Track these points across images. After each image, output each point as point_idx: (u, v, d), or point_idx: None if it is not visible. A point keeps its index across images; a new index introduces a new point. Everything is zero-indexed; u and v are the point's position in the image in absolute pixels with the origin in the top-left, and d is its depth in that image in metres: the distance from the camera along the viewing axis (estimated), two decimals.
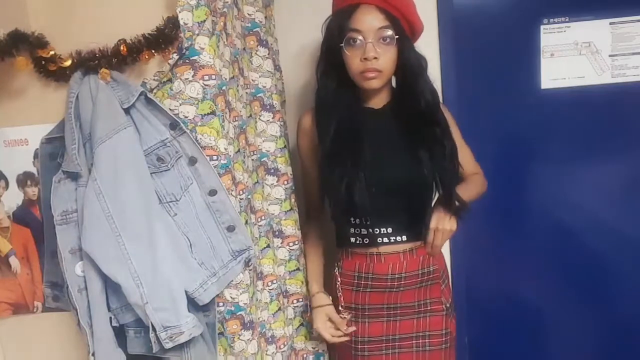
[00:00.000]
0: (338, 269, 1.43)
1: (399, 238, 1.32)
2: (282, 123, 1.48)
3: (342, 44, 1.24)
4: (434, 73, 1.67)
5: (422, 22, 1.32)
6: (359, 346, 1.40)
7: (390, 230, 1.32)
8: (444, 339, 1.39)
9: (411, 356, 1.39)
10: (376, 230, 1.32)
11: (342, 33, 1.24)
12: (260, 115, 1.44)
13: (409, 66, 1.26)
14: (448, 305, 1.42)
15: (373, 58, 1.21)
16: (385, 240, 1.33)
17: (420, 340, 1.38)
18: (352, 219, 1.35)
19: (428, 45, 1.63)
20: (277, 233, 1.46)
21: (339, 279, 1.41)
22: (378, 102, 1.35)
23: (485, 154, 1.78)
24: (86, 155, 1.15)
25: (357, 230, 1.35)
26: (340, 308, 1.41)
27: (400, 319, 1.38)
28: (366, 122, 1.32)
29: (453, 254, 1.78)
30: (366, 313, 1.39)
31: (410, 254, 1.34)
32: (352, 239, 1.37)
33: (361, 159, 1.28)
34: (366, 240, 1.34)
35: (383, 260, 1.34)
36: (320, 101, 1.35)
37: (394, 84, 1.39)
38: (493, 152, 1.79)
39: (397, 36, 1.22)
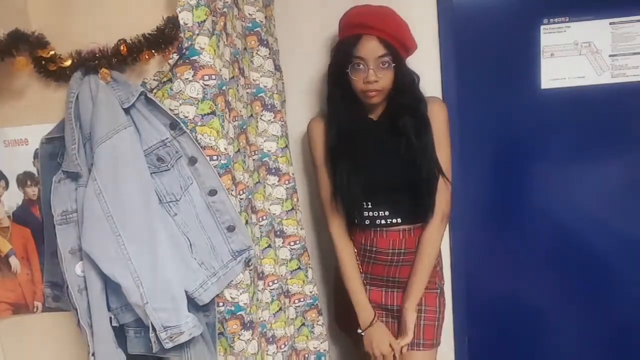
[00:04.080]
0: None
1: (394, 220, 1.49)
2: (283, 123, 1.48)
3: (348, 70, 1.41)
4: (434, 73, 1.68)
5: (415, 42, 1.47)
6: None
7: (387, 213, 1.50)
8: (436, 316, 1.54)
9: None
10: (375, 213, 1.50)
11: (348, 59, 1.40)
12: (261, 115, 1.44)
13: (402, 84, 1.44)
14: (442, 285, 1.58)
15: (374, 81, 1.39)
16: (383, 222, 1.50)
17: (416, 313, 1.51)
18: None
19: (428, 46, 1.64)
20: (278, 233, 1.46)
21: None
22: (377, 113, 1.51)
23: (485, 154, 1.79)
24: (86, 155, 1.15)
25: (361, 213, 1.52)
26: None
27: (397, 291, 1.54)
28: (366, 130, 1.50)
29: (453, 254, 1.78)
30: (368, 281, 1.55)
31: (408, 233, 1.50)
32: (357, 220, 1.52)
33: (358, 160, 1.47)
34: (367, 222, 1.51)
35: (385, 236, 1.50)
36: (329, 111, 1.51)
37: None
38: (493, 152, 1.79)
39: (394, 65, 1.39)
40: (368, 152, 1.48)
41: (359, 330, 1.52)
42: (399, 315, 1.53)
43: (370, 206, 1.50)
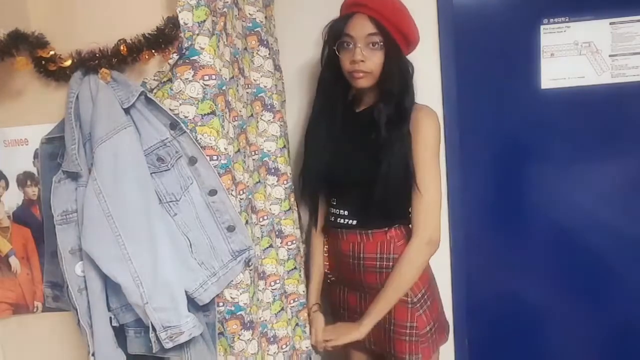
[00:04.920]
0: (325, 240, 1.60)
1: (350, 221, 1.47)
2: (282, 123, 1.48)
3: (335, 47, 1.38)
4: (434, 73, 1.68)
5: (417, 33, 1.41)
6: (341, 311, 1.58)
7: (346, 212, 1.48)
8: (408, 332, 1.44)
9: (382, 333, 1.48)
10: (337, 211, 1.50)
11: (337, 37, 1.38)
12: (261, 115, 1.44)
13: (390, 69, 1.37)
14: (415, 299, 1.43)
15: (360, 61, 1.34)
16: (342, 221, 1.48)
17: (387, 326, 1.46)
18: (328, 199, 1.54)
19: (428, 45, 1.64)
20: (277, 233, 1.46)
21: (326, 247, 1.59)
22: (364, 104, 1.47)
23: (485, 154, 1.79)
24: (86, 155, 1.15)
25: (329, 209, 1.54)
26: (326, 271, 1.60)
27: (369, 297, 1.48)
28: (345, 120, 1.47)
29: (453, 254, 1.78)
30: (346, 283, 1.54)
31: (366, 237, 1.45)
32: (325, 217, 1.56)
33: (327, 149, 1.46)
34: (332, 218, 1.52)
35: (345, 238, 1.49)
36: (316, 94, 1.51)
37: None
38: (493, 152, 1.79)
39: (381, 42, 1.33)
40: (339, 144, 1.44)
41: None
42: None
43: (334, 203, 1.50)
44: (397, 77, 1.37)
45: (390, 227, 1.45)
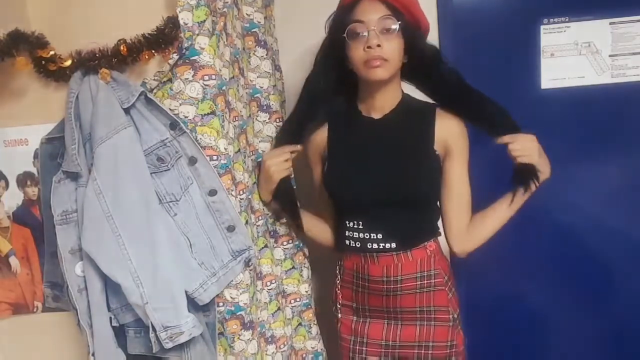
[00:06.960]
0: (339, 268, 1.45)
1: (388, 245, 1.31)
2: (279, 124, 1.47)
3: (345, 35, 1.23)
4: None
5: (427, 20, 1.31)
6: (357, 347, 1.41)
7: (380, 236, 1.31)
8: (448, 352, 1.34)
9: None
10: (367, 235, 1.32)
11: (345, 25, 1.24)
12: (257, 116, 1.44)
13: (420, 55, 1.26)
14: (455, 316, 1.37)
15: (377, 45, 1.19)
16: (375, 246, 1.31)
17: (423, 351, 1.34)
18: (346, 222, 1.36)
19: None
20: (272, 233, 1.46)
21: (339, 277, 1.43)
22: (380, 110, 1.33)
23: (485, 154, 1.79)
24: (86, 155, 1.15)
25: (351, 234, 1.35)
26: (338, 305, 1.43)
27: (402, 323, 1.36)
28: (361, 132, 1.34)
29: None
30: (367, 313, 1.39)
31: (405, 256, 1.32)
32: (347, 242, 1.37)
33: (347, 169, 1.32)
34: (358, 244, 1.34)
35: (377, 262, 1.32)
36: (313, 91, 1.36)
37: (402, 89, 1.38)
38: (493, 152, 1.79)
39: (399, 22, 1.21)
40: (360, 160, 1.30)
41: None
42: (401, 354, 1.36)
43: (361, 227, 1.32)
44: (429, 60, 1.28)
45: (429, 240, 1.35)
